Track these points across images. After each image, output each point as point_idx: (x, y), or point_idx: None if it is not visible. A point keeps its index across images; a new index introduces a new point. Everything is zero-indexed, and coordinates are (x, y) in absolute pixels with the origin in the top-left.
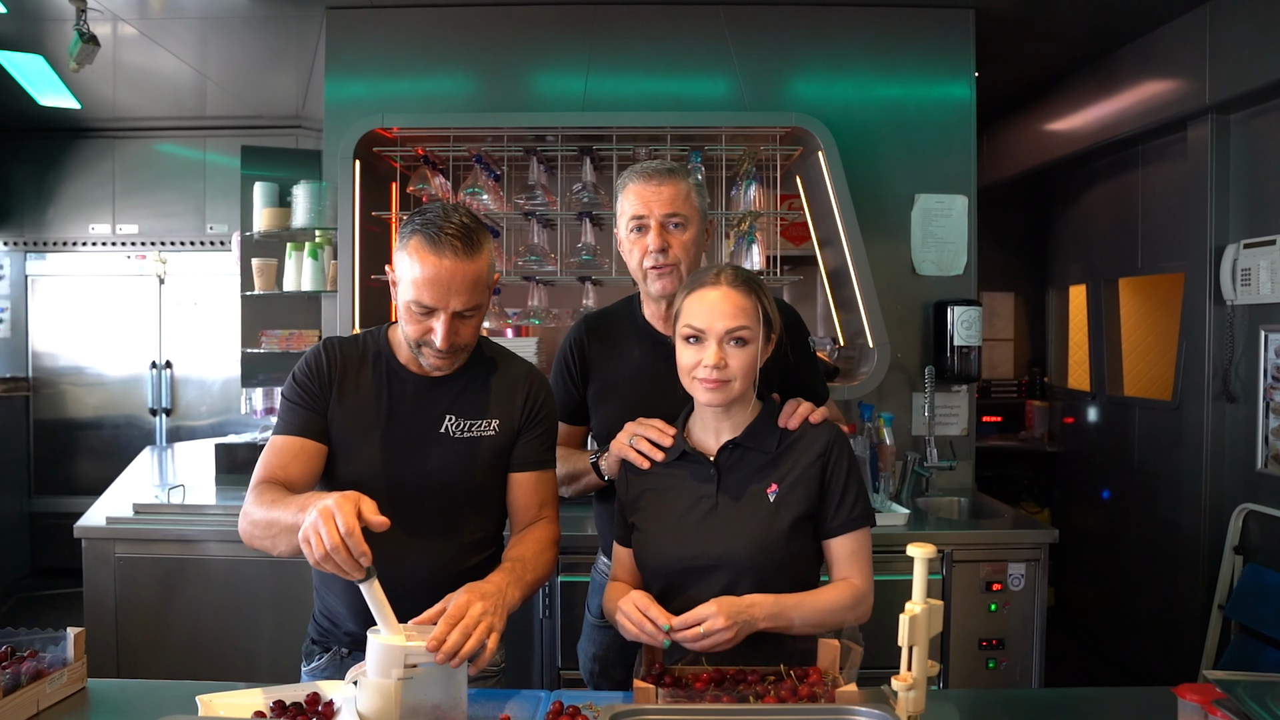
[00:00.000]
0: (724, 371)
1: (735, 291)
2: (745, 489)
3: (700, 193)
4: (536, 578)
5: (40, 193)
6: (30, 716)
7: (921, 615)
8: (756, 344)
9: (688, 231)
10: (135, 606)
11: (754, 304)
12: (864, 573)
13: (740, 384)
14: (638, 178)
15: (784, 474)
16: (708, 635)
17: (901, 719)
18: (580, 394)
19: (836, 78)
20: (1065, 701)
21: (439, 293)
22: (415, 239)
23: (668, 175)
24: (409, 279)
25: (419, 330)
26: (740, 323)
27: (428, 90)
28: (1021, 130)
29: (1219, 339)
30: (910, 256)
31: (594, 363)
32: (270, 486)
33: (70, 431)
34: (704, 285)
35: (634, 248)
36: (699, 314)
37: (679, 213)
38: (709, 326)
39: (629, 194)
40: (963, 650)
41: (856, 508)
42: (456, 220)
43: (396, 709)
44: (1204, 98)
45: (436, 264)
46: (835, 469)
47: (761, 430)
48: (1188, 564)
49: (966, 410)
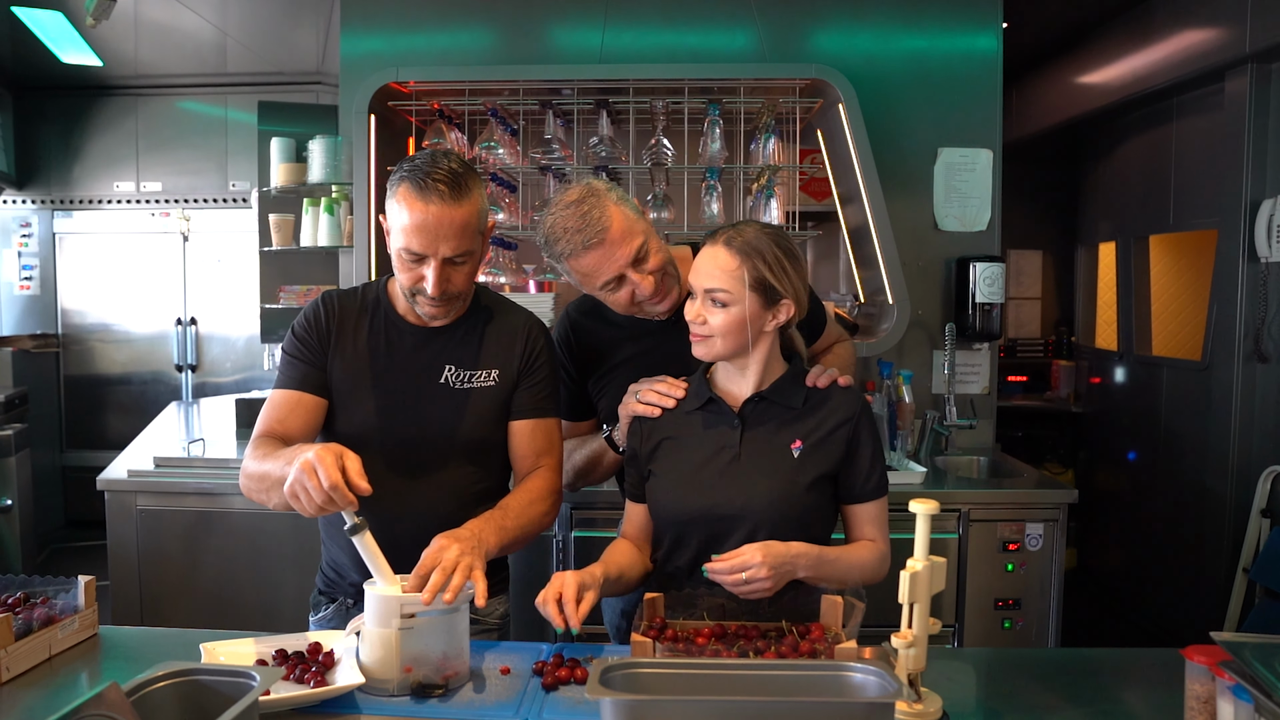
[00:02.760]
0: (703, 328)
1: (725, 252)
2: (769, 442)
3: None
4: (520, 525)
5: (66, 151)
6: (42, 661)
7: (923, 572)
8: (740, 306)
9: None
10: (158, 558)
11: (740, 266)
12: (887, 537)
13: (723, 343)
14: (567, 252)
15: (809, 431)
16: (749, 582)
17: (900, 677)
18: (580, 387)
19: (858, 28)
20: (1076, 661)
21: (427, 239)
22: (403, 186)
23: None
24: (399, 226)
25: (411, 278)
26: (717, 284)
27: (443, 44)
28: (1051, 83)
29: (1251, 297)
30: (933, 212)
31: (586, 351)
32: (267, 440)
33: (99, 387)
34: (708, 241)
35: (608, 295)
36: (694, 270)
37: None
38: (695, 283)
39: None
40: (978, 610)
41: (883, 477)
42: (445, 166)
43: (397, 658)
44: (1244, 46)
45: (424, 210)
46: (863, 437)
47: (787, 387)
48: (1213, 527)
49: (988, 368)
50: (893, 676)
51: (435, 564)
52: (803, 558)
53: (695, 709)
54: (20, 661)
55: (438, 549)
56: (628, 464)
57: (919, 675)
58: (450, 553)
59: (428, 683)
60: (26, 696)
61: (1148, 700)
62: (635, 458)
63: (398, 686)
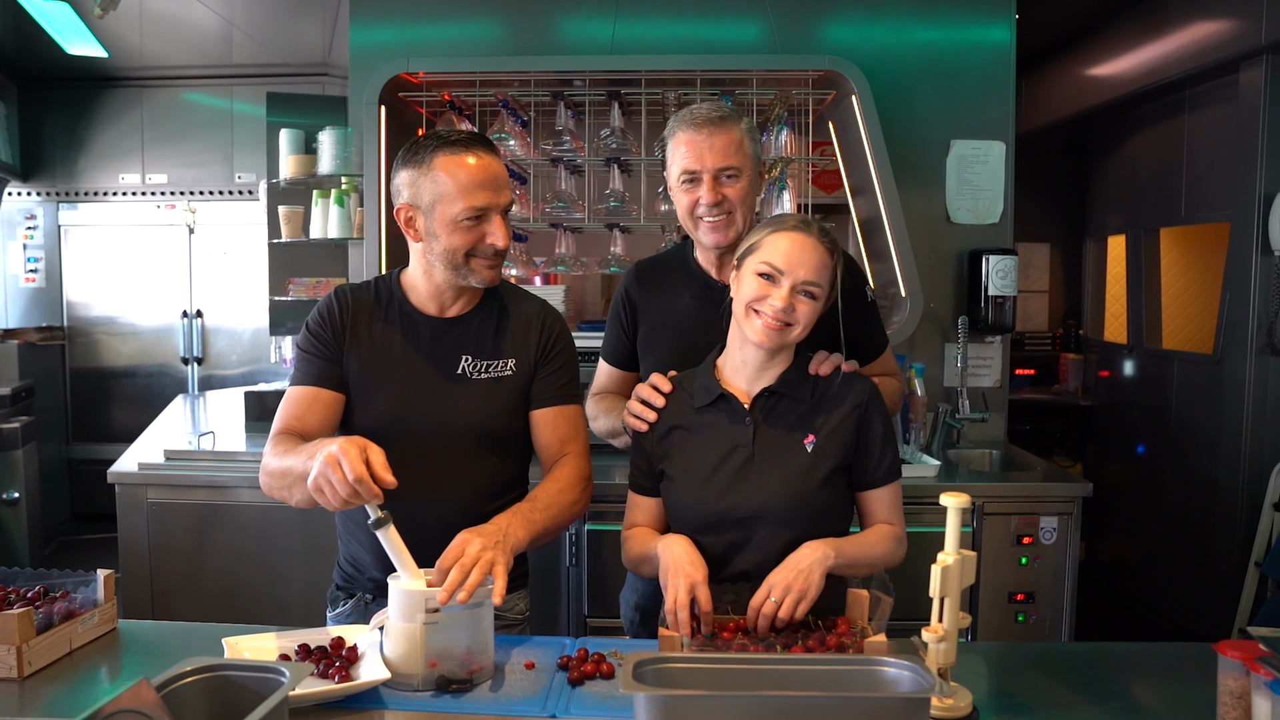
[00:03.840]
0: (790, 315)
1: (821, 245)
2: (783, 439)
3: (753, 137)
4: (550, 516)
5: (71, 143)
6: (63, 655)
7: (954, 566)
8: (821, 303)
9: (741, 181)
10: (168, 551)
11: (832, 264)
12: (902, 519)
13: (797, 332)
14: (688, 126)
15: (820, 425)
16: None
17: (931, 671)
18: (631, 341)
19: (871, 20)
20: (1097, 656)
21: (490, 190)
22: (440, 155)
23: (720, 123)
24: (452, 191)
25: (471, 239)
26: (817, 277)
27: (453, 34)
28: (1062, 75)
29: (1264, 290)
30: (945, 204)
31: (643, 308)
32: (286, 437)
33: (105, 380)
34: (793, 228)
35: (684, 196)
36: (780, 253)
37: (731, 165)
38: (789, 270)
39: (679, 144)
40: (992, 603)
41: (895, 461)
42: (464, 130)
43: (422, 652)
44: (1259, 37)
45: (479, 163)
46: (873, 422)
47: (796, 379)
48: (1224, 520)
49: (1000, 362)
50: (926, 671)
51: (457, 559)
52: (819, 566)
53: (732, 704)
54: (42, 656)
55: (460, 544)
56: (635, 455)
57: (949, 670)
58: (472, 548)
59: (453, 677)
60: (50, 690)
61: (1176, 696)
62: (643, 449)
63: (423, 681)
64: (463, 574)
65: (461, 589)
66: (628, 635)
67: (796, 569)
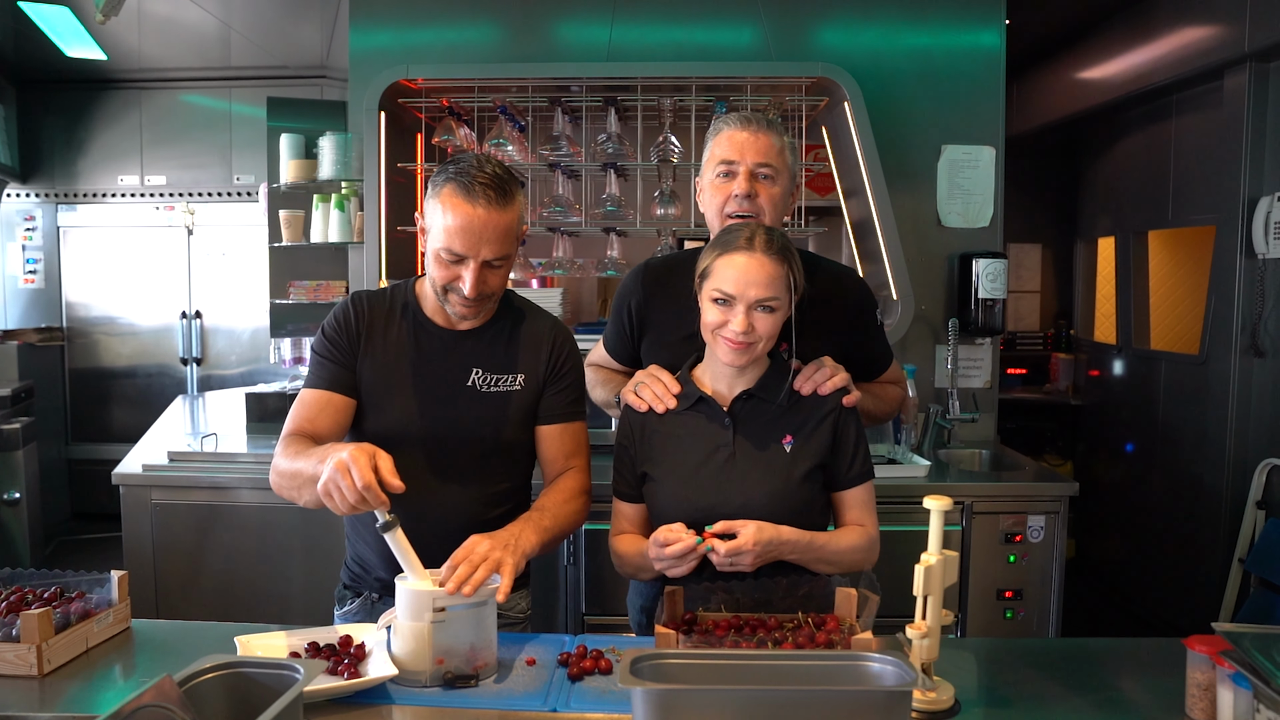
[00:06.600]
0: (750, 335)
1: (768, 259)
2: (762, 439)
3: (794, 151)
4: (557, 523)
5: (69, 145)
6: (80, 653)
7: (936, 566)
8: (783, 310)
9: (776, 185)
10: (172, 551)
11: (785, 271)
12: (875, 520)
13: (764, 345)
14: (733, 123)
15: (798, 426)
16: (736, 554)
17: (915, 665)
18: (633, 341)
19: (863, 26)
20: (1079, 651)
21: (470, 241)
22: (449, 187)
23: (766, 126)
24: (440, 226)
25: (447, 276)
26: (771, 293)
27: (452, 40)
28: (1052, 79)
29: (1249, 293)
30: (936, 208)
31: (650, 312)
32: (297, 439)
33: (104, 380)
34: (736, 249)
35: (718, 193)
36: (729, 279)
37: (771, 163)
38: (740, 293)
39: (721, 139)
40: (981, 600)
41: (866, 461)
42: (490, 170)
43: (429, 650)
44: (1243, 45)
45: (469, 213)
46: (848, 425)
47: (772, 383)
48: (1209, 518)
49: (990, 363)
50: (909, 666)
51: (465, 557)
52: (789, 545)
53: (724, 698)
54: (60, 654)
55: (470, 544)
56: (619, 461)
57: (931, 665)
58: (481, 547)
59: (459, 673)
60: (69, 688)
61: (1149, 688)
62: (627, 454)
63: (430, 678)
64: (470, 569)
65: (467, 584)
66: (635, 634)
67: (770, 546)
